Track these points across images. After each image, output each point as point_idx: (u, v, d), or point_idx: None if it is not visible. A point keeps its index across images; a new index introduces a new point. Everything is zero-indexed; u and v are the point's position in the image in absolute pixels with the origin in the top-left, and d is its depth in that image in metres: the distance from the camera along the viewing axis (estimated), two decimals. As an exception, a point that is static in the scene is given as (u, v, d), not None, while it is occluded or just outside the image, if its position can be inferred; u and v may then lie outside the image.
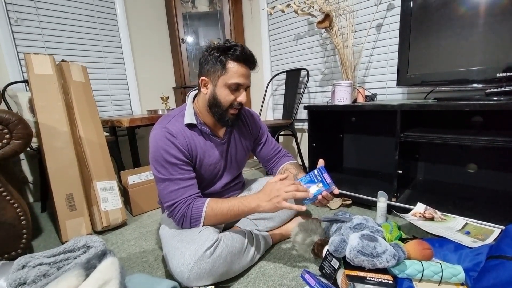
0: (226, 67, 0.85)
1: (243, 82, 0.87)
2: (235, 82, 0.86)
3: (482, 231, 0.97)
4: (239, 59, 0.85)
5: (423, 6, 1.21)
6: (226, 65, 0.85)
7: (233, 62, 0.85)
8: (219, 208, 0.85)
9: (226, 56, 0.84)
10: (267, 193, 0.82)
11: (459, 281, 0.72)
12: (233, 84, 0.86)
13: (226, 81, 0.86)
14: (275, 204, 0.79)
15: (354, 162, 1.82)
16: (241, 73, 0.86)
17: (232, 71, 0.85)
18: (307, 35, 2.03)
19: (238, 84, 0.87)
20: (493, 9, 1.04)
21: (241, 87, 0.88)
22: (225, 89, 0.87)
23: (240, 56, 0.85)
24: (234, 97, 0.88)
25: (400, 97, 1.63)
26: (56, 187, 1.19)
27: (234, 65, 0.85)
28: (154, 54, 2.43)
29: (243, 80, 0.87)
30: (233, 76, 0.85)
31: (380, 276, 0.69)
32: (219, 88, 0.88)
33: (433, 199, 1.24)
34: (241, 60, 0.85)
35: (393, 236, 0.94)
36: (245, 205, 0.85)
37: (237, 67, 0.85)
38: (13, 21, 1.69)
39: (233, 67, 0.85)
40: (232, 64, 0.85)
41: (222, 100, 0.88)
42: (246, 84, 0.89)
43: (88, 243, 0.73)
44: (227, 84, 0.86)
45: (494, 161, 1.27)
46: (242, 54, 0.85)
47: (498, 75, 1.06)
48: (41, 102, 1.23)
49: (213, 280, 0.79)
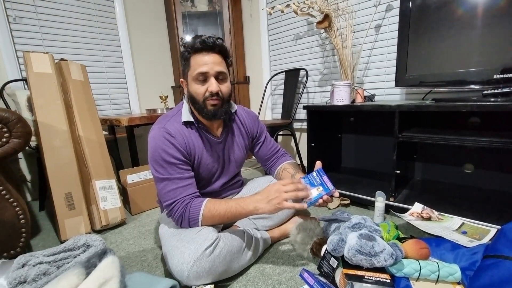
0: (189, 62, 0.87)
1: (206, 70, 0.85)
2: (197, 72, 0.85)
3: (478, 230, 0.98)
4: (198, 49, 0.85)
5: (421, 7, 1.22)
6: (189, 60, 0.87)
7: (194, 54, 0.86)
8: (216, 209, 0.85)
9: (189, 52, 0.87)
10: (265, 195, 0.82)
11: (456, 280, 0.73)
12: (197, 75, 0.86)
13: (192, 75, 0.87)
14: (276, 205, 0.78)
15: (353, 162, 1.83)
16: (202, 62, 0.85)
17: (194, 64, 0.86)
18: (307, 35, 2.04)
19: (202, 73, 0.85)
20: (490, 11, 1.05)
21: (207, 75, 0.86)
22: (194, 83, 0.88)
23: (199, 46, 0.85)
24: (204, 89, 0.87)
25: (399, 97, 1.64)
26: (55, 186, 1.19)
27: (195, 57, 0.86)
28: (153, 53, 2.43)
29: (206, 68, 0.85)
30: (195, 68, 0.86)
31: (378, 275, 0.69)
32: (190, 84, 0.89)
33: (430, 199, 1.25)
34: (201, 50, 0.85)
35: (390, 235, 0.95)
36: (243, 207, 0.84)
37: (198, 58, 0.85)
38: (12, 19, 1.69)
39: (195, 59, 0.86)
40: (193, 57, 0.86)
41: (195, 95, 0.89)
42: (212, 71, 0.86)
43: (88, 242, 0.74)
44: (193, 77, 0.87)
45: (491, 161, 1.29)
46: (200, 43, 0.85)
47: (495, 76, 1.07)
48: (40, 101, 1.23)
49: (212, 279, 0.80)
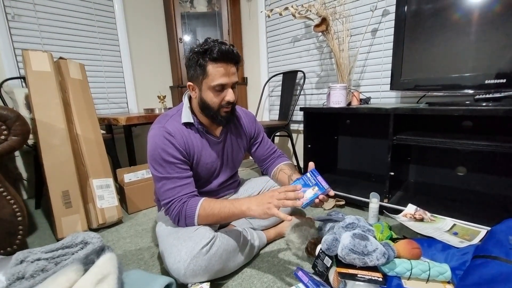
0: (206, 70, 0.84)
1: (226, 81, 0.86)
2: (217, 84, 0.85)
3: (469, 232, 1.01)
4: (218, 59, 0.83)
5: (416, 13, 1.25)
6: (205, 68, 0.84)
7: (212, 63, 0.83)
8: (211, 208, 0.85)
9: (205, 59, 0.83)
10: (260, 198, 0.82)
11: (446, 279, 0.75)
12: (216, 86, 0.85)
13: (209, 84, 0.85)
14: (265, 210, 0.77)
15: (348, 163, 1.86)
16: (222, 73, 0.84)
17: (212, 73, 0.84)
18: (304, 38, 2.06)
19: (221, 84, 0.85)
20: (482, 18, 1.08)
21: (225, 86, 0.87)
22: (210, 91, 0.87)
23: (218, 56, 0.83)
24: (221, 98, 0.88)
25: (394, 101, 1.67)
26: (52, 184, 1.19)
27: (214, 67, 0.84)
28: (152, 52, 2.43)
29: (226, 79, 0.85)
30: (214, 78, 0.84)
31: (371, 274, 0.71)
32: (204, 91, 0.88)
33: (423, 200, 1.28)
34: (220, 60, 0.83)
35: (384, 236, 0.96)
36: (236, 207, 0.84)
37: (217, 68, 0.84)
38: (10, 16, 1.68)
39: (213, 69, 0.84)
40: (211, 66, 0.84)
41: (210, 103, 0.89)
42: (230, 82, 0.87)
43: (86, 239, 0.74)
44: (211, 87, 0.85)
45: (482, 164, 1.32)
46: (220, 53, 0.82)
47: (486, 81, 1.09)
48: (38, 99, 1.23)
49: (208, 277, 0.81)
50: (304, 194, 0.85)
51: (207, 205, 0.86)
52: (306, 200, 0.84)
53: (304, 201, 0.84)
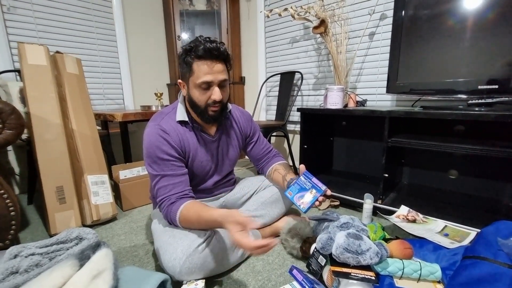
0: (192, 67, 0.84)
1: (211, 79, 0.84)
2: (202, 81, 0.84)
3: (459, 233, 1.03)
4: (202, 56, 0.83)
5: (413, 18, 1.27)
6: (192, 66, 0.84)
7: (197, 61, 0.83)
8: (190, 215, 0.82)
9: (191, 56, 0.84)
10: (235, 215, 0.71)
11: (436, 278, 0.77)
12: (201, 84, 0.85)
13: (194, 81, 0.85)
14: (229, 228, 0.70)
15: (343, 164, 1.88)
16: (207, 71, 0.84)
17: (197, 71, 0.84)
18: (303, 39, 2.07)
19: (206, 82, 0.84)
20: (477, 25, 1.11)
21: (211, 84, 0.86)
22: (196, 89, 0.87)
23: (202, 54, 0.82)
24: (207, 96, 0.87)
25: (389, 103, 1.69)
26: (46, 179, 1.18)
27: (199, 64, 0.83)
28: (149, 49, 2.42)
29: (210, 77, 0.84)
30: (199, 76, 0.84)
31: (364, 273, 0.73)
32: (191, 89, 0.88)
33: (416, 202, 1.30)
34: (205, 57, 0.83)
35: (377, 236, 0.98)
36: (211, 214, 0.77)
37: (202, 66, 0.83)
38: (5, 8, 1.66)
39: (197, 67, 0.84)
40: (197, 64, 0.84)
41: (196, 101, 0.89)
42: (216, 80, 0.86)
43: (81, 235, 0.74)
44: (196, 84, 0.85)
45: (474, 168, 1.35)
46: (204, 51, 0.82)
47: (479, 87, 1.12)
48: (33, 93, 1.22)
49: (204, 275, 0.81)
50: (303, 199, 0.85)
51: (186, 212, 0.83)
52: (307, 205, 0.84)
53: (306, 206, 0.84)
